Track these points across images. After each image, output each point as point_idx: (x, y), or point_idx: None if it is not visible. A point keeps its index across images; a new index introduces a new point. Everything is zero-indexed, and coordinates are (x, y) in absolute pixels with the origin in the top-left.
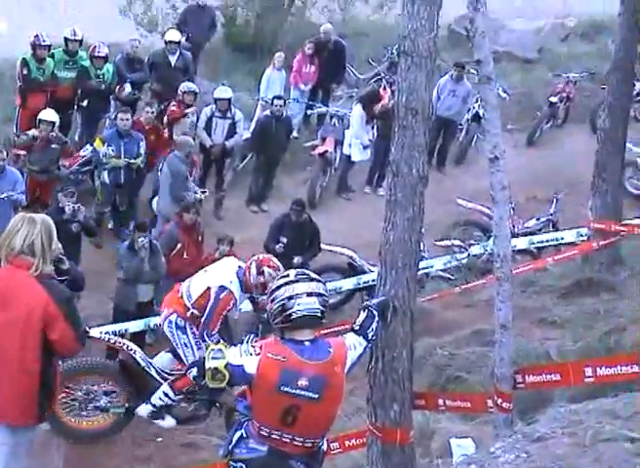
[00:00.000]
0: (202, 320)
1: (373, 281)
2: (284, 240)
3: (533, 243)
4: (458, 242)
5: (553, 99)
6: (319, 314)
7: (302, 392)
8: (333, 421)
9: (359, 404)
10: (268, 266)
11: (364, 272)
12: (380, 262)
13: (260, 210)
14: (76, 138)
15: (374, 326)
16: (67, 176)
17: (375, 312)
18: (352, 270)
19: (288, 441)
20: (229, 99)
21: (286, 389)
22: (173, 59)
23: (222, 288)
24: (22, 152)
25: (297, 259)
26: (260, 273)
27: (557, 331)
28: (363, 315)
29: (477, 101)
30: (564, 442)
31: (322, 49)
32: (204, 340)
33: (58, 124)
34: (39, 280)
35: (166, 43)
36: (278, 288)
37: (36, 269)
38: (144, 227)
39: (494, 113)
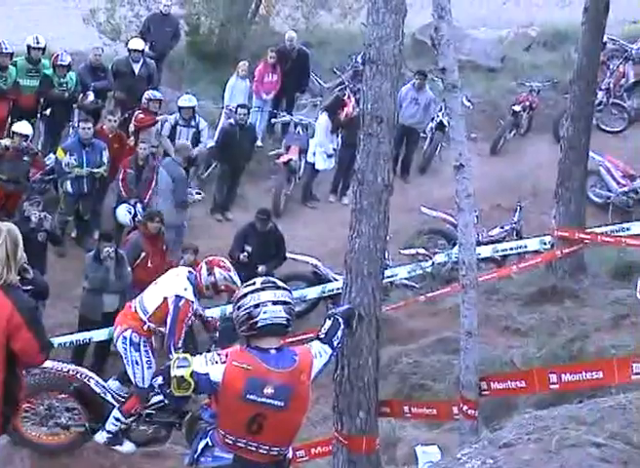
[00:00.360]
0: (166, 333)
1: (337, 289)
2: (249, 249)
3: (497, 251)
4: (422, 250)
5: (516, 108)
6: (285, 322)
7: (268, 400)
8: (298, 430)
9: (325, 412)
10: (218, 266)
11: (328, 280)
12: (345, 270)
13: (225, 218)
14: (39, 147)
15: (339, 334)
16: (31, 186)
17: (340, 320)
18: (317, 279)
19: (253, 449)
20: (193, 108)
21: (252, 397)
22: (136, 68)
23: (179, 297)
24: None
25: (261, 268)
26: (211, 273)
27: (521, 338)
28: (328, 323)
29: (441, 110)
30: (530, 447)
31: (285, 57)
32: (170, 353)
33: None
34: (3, 289)
35: (129, 51)
36: (244, 296)
37: (0, 278)
38: (109, 237)
39: (459, 121)
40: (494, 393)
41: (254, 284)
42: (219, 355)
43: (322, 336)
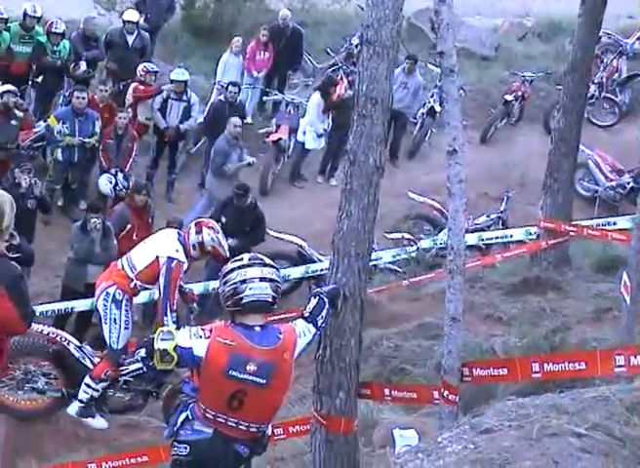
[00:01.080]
0: (160, 297)
1: (321, 270)
2: (223, 220)
3: (482, 239)
4: (407, 235)
5: (508, 98)
6: (270, 299)
7: (250, 377)
8: (279, 408)
9: (303, 391)
10: (207, 227)
11: (313, 261)
12: (332, 250)
13: None
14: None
15: (323, 313)
16: (19, 153)
17: (325, 299)
18: (301, 259)
19: (233, 425)
20: (185, 82)
21: (234, 373)
22: (130, 40)
23: (171, 259)
24: None
25: (230, 241)
26: (199, 232)
27: (503, 327)
28: (313, 302)
29: (432, 96)
30: (511, 434)
31: (279, 35)
32: (166, 315)
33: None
34: None
35: (124, 22)
36: (231, 271)
37: None
38: (97, 208)
39: (455, 106)
40: (475, 380)
41: (241, 259)
42: (203, 330)
43: (307, 315)
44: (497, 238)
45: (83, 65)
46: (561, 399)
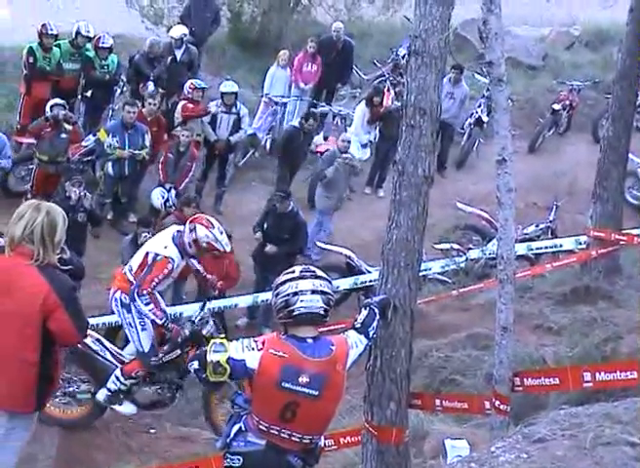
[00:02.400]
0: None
1: (370, 281)
2: (265, 226)
3: (531, 249)
4: (456, 246)
5: (556, 107)
6: (322, 312)
7: (303, 389)
8: (331, 419)
9: (353, 402)
10: (201, 224)
11: (362, 272)
12: (382, 261)
13: None
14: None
15: (374, 324)
16: (70, 167)
17: (376, 310)
18: (350, 270)
19: (286, 437)
20: (235, 94)
21: (287, 385)
22: (178, 54)
23: (157, 254)
24: (27, 140)
25: (269, 247)
26: (192, 229)
27: (553, 337)
28: (364, 313)
29: (480, 106)
30: (564, 444)
31: (330, 48)
32: (134, 300)
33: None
34: (40, 269)
35: (171, 38)
36: (283, 283)
37: (37, 258)
38: (148, 223)
39: (504, 115)
40: (527, 389)
41: (293, 272)
42: (255, 342)
43: (358, 326)
44: (546, 248)
45: (151, 86)
46: (614, 408)
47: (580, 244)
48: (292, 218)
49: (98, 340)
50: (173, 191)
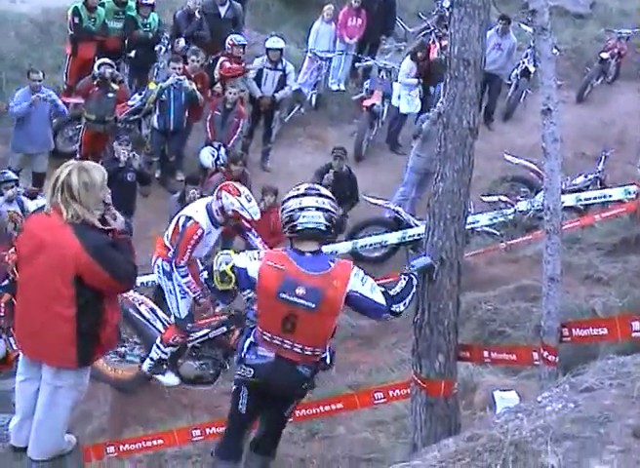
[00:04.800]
0: (171, 252)
1: (418, 235)
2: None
3: (580, 200)
4: (504, 198)
5: (604, 56)
6: (323, 228)
7: (300, 300)
8: (330, 332)
9: (402, 356)
10: (227, 191)
11: (409, 226)
12: (428, 214)
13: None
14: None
15: (407, 299)
16: (117, 126)
17: (414, 281)
18: (398, 224)
19: (288, 347)
20: (281, 50)
21: (284, 296)
22: (222, 10)
23: (187, 218)
24: (74, 100)
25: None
26: (219, 197)
27: (603, 287)
28: (401, 285)
29: (526, 56)
30: (612, 393)
31: (372, 1)
32: (173, 271)
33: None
34: (73, 227)
35: None
36: (288, 199)
37: (72, 216)
38: (196, 180)
39: (548, 65)
40: (575, 339)
41: (298, 189)
42: (258, 253)
43: (386, 293)
44: (595, 198)
45: (182, 42)
46: None
47: (630, 194)
48: (348, 175)
49: (152, 309)
50: (222, 149)
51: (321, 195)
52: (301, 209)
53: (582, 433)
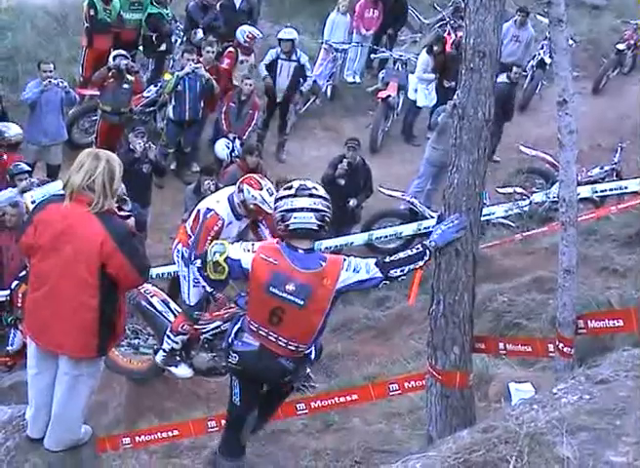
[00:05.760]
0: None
1: (433, 227)
2: (342, 182)
3: (596, 191)
4: (520, 189)
5: (620, 47)
6: (315, 227)
7: (288, 296)
8: (316, 330)
9: (418, 347)
10: (248, 184)
11: (425, 218)
12: (443, 206)
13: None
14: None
15: (407, 267)
16: (132, 117)
17: (427, 253)
18: (413, 216)
19: (273, 340)
20: (293, 41)
21: (274, 290)
22: (237, 2)
23: (208, 209)
24: (90, 92)
25: (352, 202)
26: (241, 190)
27: (619, 279)
28: (410, 252)
29: (542, 48)
30: (628, 385)
31: None
32: (192, 263)
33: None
34: (98, 215)
35: None
36: (280, 199)
37: (95, 205)
38: (211, 171)
39: (564, 56)
40: (590, 331)
41: (290, 188)
42: (252, 245)
43: (381, 260)
44: (611, 189)
45: (200, 33)
46: None
47: None
48: (362, 166)
49: (164, 301)
50: (237, 141)
51: (312, 195)
52: (294, 209)
53: (598, 424)
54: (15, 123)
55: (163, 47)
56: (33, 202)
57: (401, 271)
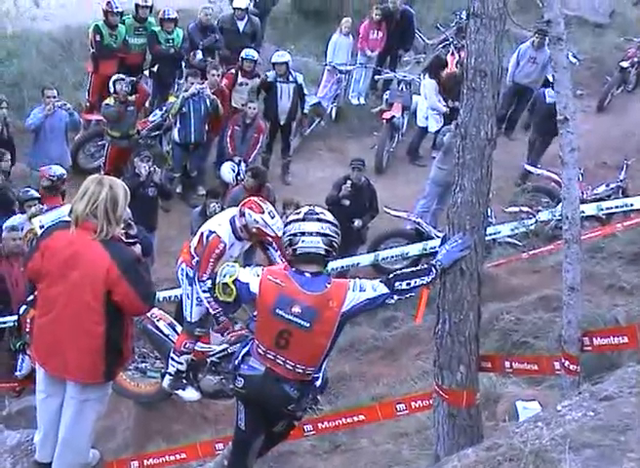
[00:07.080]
0: (194, 261)
1: (438, 247)
2: (346, 202)
3: (602, 209)
4: (525, 208)
5: (624, 64)
6: (322, 252)
7: (295, 319)
8: (324, 352)
9: (425, 367)
10: (249, 208)
11: (430, 238)
12: (447, 225)
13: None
14: (146, 104)
15: (414, 282)
16: (139, 141)
17: (433, 271)
18: (419, 236)
19: (280, 363)
20: (286, 63)
21: (280, 312)
22: (241, 25)
23: (210, 232)
24: (96, 117)
25: (357, 222)
26: (242, 215)
27: (625, 297)
28: (416, 269)
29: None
30: (632, 401)
31: (389, 17)
32: (196, 284)
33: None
34: (103, 243)
35: (234, 9)
36: (289, 223)
37: (100, 233)
38: (217, 194)
39: (564, 74)
40: (596, 349)
41: (299, 213)
42: (262, 269)
43: (387, 277)
44: (617, 207)
45: (199, 54)
46: None
47: None
48: (367, 187)
49: (170, 324)
50: (242, 164)
51: (320, 220)
52: (302, 233)
53: (602, 441)
54: (19, 149)
55: (155, 68)
56: (42, 227)
57: (407, 285)
